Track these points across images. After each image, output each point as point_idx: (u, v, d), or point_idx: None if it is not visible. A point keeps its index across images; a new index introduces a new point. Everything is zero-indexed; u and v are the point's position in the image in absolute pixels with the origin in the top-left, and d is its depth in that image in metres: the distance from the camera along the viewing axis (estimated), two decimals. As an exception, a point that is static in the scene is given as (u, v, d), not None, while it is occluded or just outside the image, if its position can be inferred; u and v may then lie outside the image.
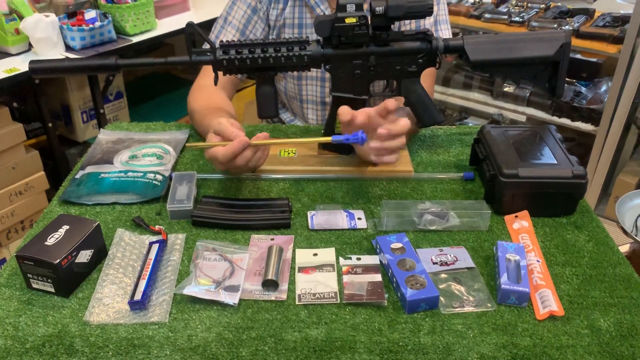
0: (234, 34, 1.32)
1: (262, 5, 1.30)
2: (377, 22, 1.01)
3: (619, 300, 0.82)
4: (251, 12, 1.30)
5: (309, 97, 1.38)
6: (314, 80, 1.35)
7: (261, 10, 1.30)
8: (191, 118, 1.26)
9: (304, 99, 1.39)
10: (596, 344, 0.75)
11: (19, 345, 0.74)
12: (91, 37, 2.14)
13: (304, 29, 1.31)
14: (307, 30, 1.30)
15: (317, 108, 1.40)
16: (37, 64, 1.01)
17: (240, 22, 1.31)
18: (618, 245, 0.96)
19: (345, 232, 0.95)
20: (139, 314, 0.78)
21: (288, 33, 1.31)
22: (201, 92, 1.29)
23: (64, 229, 0.83)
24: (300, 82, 1.35)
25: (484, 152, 1.05)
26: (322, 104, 1.39)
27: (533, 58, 1.06)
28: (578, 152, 2.61)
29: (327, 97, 1.37)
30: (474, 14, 2.58)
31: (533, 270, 0.85)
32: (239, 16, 1.31)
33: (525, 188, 0.96)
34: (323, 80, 1.34)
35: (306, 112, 1.41)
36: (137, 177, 1.06)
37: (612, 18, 2.38)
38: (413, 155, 1.17)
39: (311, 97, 1.38)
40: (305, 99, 1.38)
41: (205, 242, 0.90)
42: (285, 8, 1.29)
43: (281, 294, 0.81)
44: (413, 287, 0.80)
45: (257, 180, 1.09)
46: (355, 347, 0.74)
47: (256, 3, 1.30)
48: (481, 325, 0.77)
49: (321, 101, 1.38)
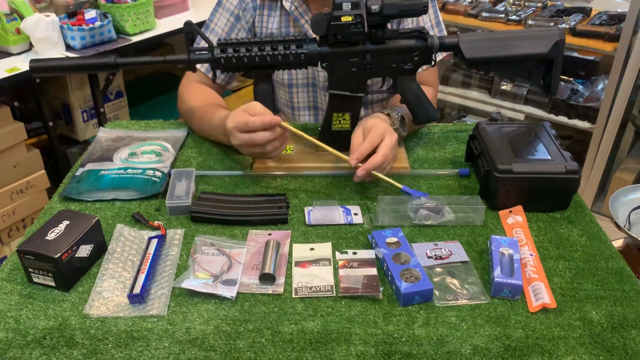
0: (229, 18, 1.29)
1: (246, 13, 1.29)
2: (373, 21, 1.02)
3: (611, 293, 0.83)
4: (234, 19, 1.29)
5: (300, 104, 1.39)
6: (305, 87, 1.36)
7: (244, 19, 1.29)
8: (189, 116, 1.25)
9: (295, 107, 1.40)
10: (588, 336, 0.76)
11: (20, 338, 0.75)
12: (91, 37, 2.15)
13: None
14: None
15: (310, 113, 1.41)
16: (37, 63, 1.02)
17: (223, 30, 1.30)
18: (612, 240, 0.97)
19: (341, 228, 0.96)
20: (138, 307, 0.79)
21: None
22: (196, 90, 1.28)
23: (64, 224, 0.85)
24: (291, 90, 1.37)
25: (479, 149, 1.07)
26: (315, 108, 1.40)
27: (527, 55, 1.07)
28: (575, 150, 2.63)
29: (319, 102, 1.38)
30: (471, 12, 2.59)
31: (526, 264, 0.86)
32: (222, 24, 1.30)
33: (519, 183, 0.97)
34: (315, 85, 1.35)
35: (298, 120, 1.42)
36: (137, 174, 1.07)
37: (609, 16, 2.39)
38: (409, 152, 1.19)
39: (302, 104, 1.40)
40: (296, 106, 1.40)
41: (204, 237, 0.91)
42: (270, 17, 1.30)
43: (278, 288, 0.83)
44: (407, 280, 0.81)
45: (255, 177, 1.10)
46: (351, 339, 0.75)
47: (239, 11, 1.29)
48: (475, 317, 0.78)
49: (314, 106, 1.40)
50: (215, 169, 1.13)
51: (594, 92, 2.44)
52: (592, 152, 2.38)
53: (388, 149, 1.01)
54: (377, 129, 1.03)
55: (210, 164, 1.15)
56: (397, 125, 1.12)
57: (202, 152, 1.19)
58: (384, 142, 1.02)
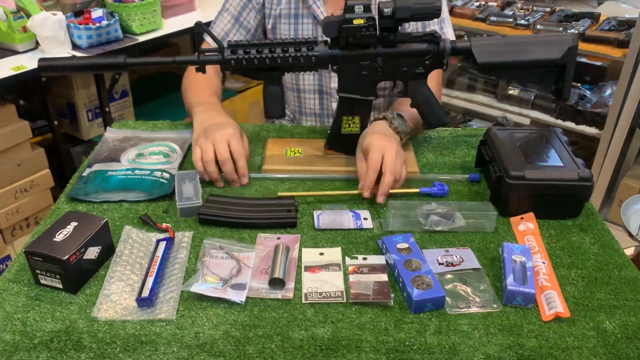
0: (229, 20, 1.34)
1: None
2: (385, 24, 1.01)
3: (625, 303, 0.82)
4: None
5: (307, 109, 1.40)
6: (312, 93, 1.37)
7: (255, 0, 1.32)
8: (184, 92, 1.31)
9: (304, 112, 1.40)
10: (602, 346, 0.75)
11: (27, 341, 0.74)
12: (98, 36, 2.14)
13: (300, 19, 1.32)
14: (303, 20, 1.31)
15: (317, 120, 1.42)
16: (46, 62, 1.02)
17: (235, 8, 1.33)
18: (623, 249, 0.96)
19: (351, 232, 0.95)
20: (146, 310, 0.78)
21: (284, 23, 1.32)
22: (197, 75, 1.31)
23: (72, 226, 0.84)
24: (299, 94, 1.37)
25: (490, 154, 1.06)
26: (321, 115, 1.40)
27: (540, 61, 1.06)
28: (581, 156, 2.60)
29: (328, 109, 1.38)
30: (479, 16, 2.58)
31: (539, 271, 0.85)
32: (235, 3, 1.33)
33: (531, 190, 0.96)
34: (321, 92, 1.35)
35: (305, 124, 1.42)
36: (144, 175, 1.06)
37: (618, 22, 2.38)
38: (419, 157, 1.18)
39: (310, 110, 1.40)
40: (304, 111, 1.40)
41: (212, 240, 0.90)
42: None
43: (288, 293, 0.82)
44: (419, 287, 0.80)
45: (264, 180, 1.09)
46: (362, 346, 0.74)
47: None
48: (487, 325, 0.77)
49: (321, 112, 1.40)
50: (223, 171, 1.12)
51: (601, 98, 2.42)
52: (599, 158, 2.37)
53: (392, 164, 0.99)
54: (374, 150, 1.00)
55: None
56: (396, 123, 1.09)
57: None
58: (385, 160, 0.99)
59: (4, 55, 2.05)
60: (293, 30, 1.31)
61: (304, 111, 1.41)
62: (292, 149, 1.17)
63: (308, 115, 1.41)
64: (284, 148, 1.17)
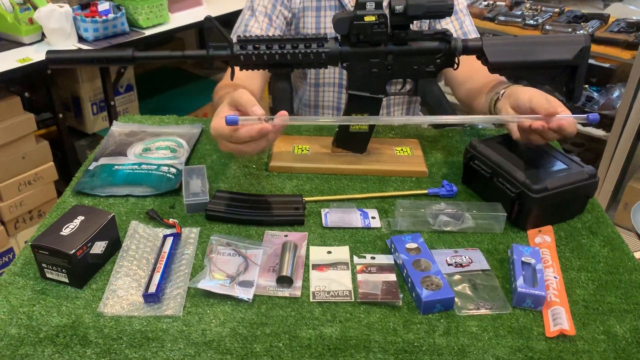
0: (263, 19, 1.35)
1: None
2: (396, 21, 1.00)
3: (635, 307, 0.81)
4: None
5: (325, 103, 1.40)
6: (331, 86, 1.38)
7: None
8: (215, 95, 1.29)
9: (320, 105, 1.40)
10: (612, 350, 0.74)
11: (33, 335, 0.73)
12: (104, 29, 2.14)
13: (322, 11, 1.33)
14: (325, 12, 1.33)
15: (334, 113, 1.43)
16: (54, 54, 1.01)
17: (266, 7, 1.35)
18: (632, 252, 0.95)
19: (359, 231, 0.95)
20: (153, 306, 0.77)
21: (308, 16, 1.33)
22: None
23: (79, 220, 0.83)
24: (318, 88, 1.37)
25: (489, 170, 1.00)
26: (339, 109, 1.41)
27: (552, 61, 1.05)
28: (586, 158, 2.60)
29: (343, 103, 1.39)
30: (487, 16, 2.57)
31: (549, 286, 0.82)
32: (265, 3, 1.35)
33: (553, 199, 0.93)
34: (341, 86, 1.36)
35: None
36: (151, 170, 1.05)
37: (627, 24, 2.37)
38: (427, 156, 1.17)
39: (328, 103, 1.41)
40: (321, 104, 1.40)
41: (219, 236, 0.90)
42: None
43: (295, 291, 0.81)
44: (428, 287, 0.79)
45: (270, 176, 1.08)
46: (370, 346, 0.73)
47: None
48: (496, 327, 0.77)
49: (338, 106, 1.40)
50: (230, 166, 1.11)
51: (609, 100, 2.41)
52: (605, 160, 2.36)
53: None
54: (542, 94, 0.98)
55: (224, 161, 1.13)
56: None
57: (217, 148, 1.17)
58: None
59: (9, 47, 2.05)
60: (315, 23, 1.32)
61: (322, 104, 1.42)
62: (299, 146, 1.16)
63: (326, 108, 1.42)
64: (291, 145, 1.16)
